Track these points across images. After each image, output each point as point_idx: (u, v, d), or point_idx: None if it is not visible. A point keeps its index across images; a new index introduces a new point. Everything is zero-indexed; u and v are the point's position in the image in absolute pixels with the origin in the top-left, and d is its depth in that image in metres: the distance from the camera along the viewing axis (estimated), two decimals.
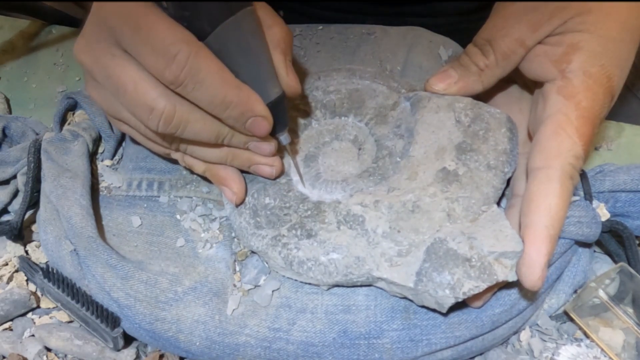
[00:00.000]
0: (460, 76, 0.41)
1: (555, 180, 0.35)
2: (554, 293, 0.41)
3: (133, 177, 0.44)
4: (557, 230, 0.35)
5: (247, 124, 0.35)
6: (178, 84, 0.32)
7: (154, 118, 0.34)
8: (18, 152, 0.45)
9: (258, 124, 0.35)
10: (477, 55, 0.40)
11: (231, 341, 0.37)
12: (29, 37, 0.58)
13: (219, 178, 0.39)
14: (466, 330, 0.37)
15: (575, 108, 0.36)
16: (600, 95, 0.37)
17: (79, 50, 0.35)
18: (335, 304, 0.38)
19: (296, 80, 0.37)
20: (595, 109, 0.36)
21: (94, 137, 0.45)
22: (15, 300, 0.40)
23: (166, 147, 0.39)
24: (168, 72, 0.32)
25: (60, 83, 0.55)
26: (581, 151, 0.36)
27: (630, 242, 0.40)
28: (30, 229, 0.45)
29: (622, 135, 0.49)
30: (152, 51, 0.32)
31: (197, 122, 0.34)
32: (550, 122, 0.37)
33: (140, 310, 0.38)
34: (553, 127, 0.36)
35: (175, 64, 0.31)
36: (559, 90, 0.37)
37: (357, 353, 0.37)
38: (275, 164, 0.39)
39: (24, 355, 0.39)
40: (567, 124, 0.36)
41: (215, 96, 0.33)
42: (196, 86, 0.32)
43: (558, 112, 0.36)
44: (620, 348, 0.38)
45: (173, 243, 0.41)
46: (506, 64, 0.39)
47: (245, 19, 0.33)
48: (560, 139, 0.36)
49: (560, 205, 0.35)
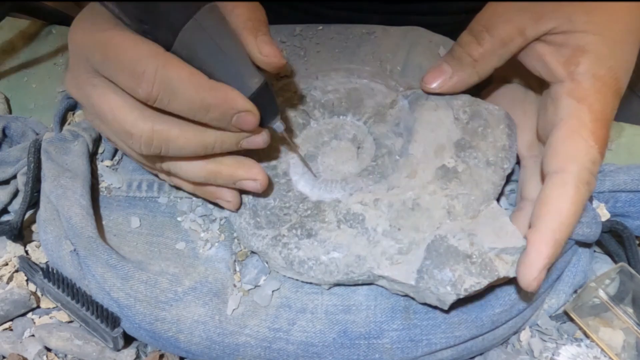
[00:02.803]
0: (454, 70, 0.40)
1: (570, 185, 0.35)
2: (554, 293, 0.41)
3: (133, 178, 0.44)
4: (563, 235, 0.34)
5: (233, 121, 0.34)
6: (153, 100, 0.32)
7: (135, 143, 0.34)
8: (18, 152, 0.45)
9: (243, 120, 0.34)
10: (471, 45, 0.38)
11: (231, 341, 0.37)
12: (29, 37, 0.58)
13: (209, 194, 0.39)
14: (466, 330, 0.37)
15: (589, 111, 0.36)
16: (609, 97, 0.36)
17: (68, 85, 0.36)
18: (335, 304, 0.38)
19: (274, 52, 0.35)
20: (607, 111, 0.36)
21: (94, 137, 0.45)
22: (15, 300, 0.40)
23: (153, 168, 0.39)
24: (140, 90, 0.32)
25: (60, 83, 0.55)
26: (598, 155, 0.35)
27: (630, 242, 0.40)
28: (30, 229, 0.45)
29: (622, 135, 0.49)
30: (122, 72, 0.32)
31: (178, 139, 0.34)
32: (564, 125, 0.36)
33: (140, 310, 0.38)
34: (568, 131, 0.36)
35: (145, 81, 0.31)
36: (570, 93, 0.36)
37: (357, 353, 0.37)
38: (258, 177, 0.37)
39: (24, 355, 0.39)
40: (582, 128, 0.35)
41: (193, 102, 0.32)
42: (171, 97, 0.32)
43: (571, 115, 0.36)
44: (620, 348, 0.38)
45: (173, 244, 0.41)
46: (503, 52, 0.38)
47: (205, 17, 0.32)
48: (575, 142, 0.35)
49: (572, 211, 0.34)
